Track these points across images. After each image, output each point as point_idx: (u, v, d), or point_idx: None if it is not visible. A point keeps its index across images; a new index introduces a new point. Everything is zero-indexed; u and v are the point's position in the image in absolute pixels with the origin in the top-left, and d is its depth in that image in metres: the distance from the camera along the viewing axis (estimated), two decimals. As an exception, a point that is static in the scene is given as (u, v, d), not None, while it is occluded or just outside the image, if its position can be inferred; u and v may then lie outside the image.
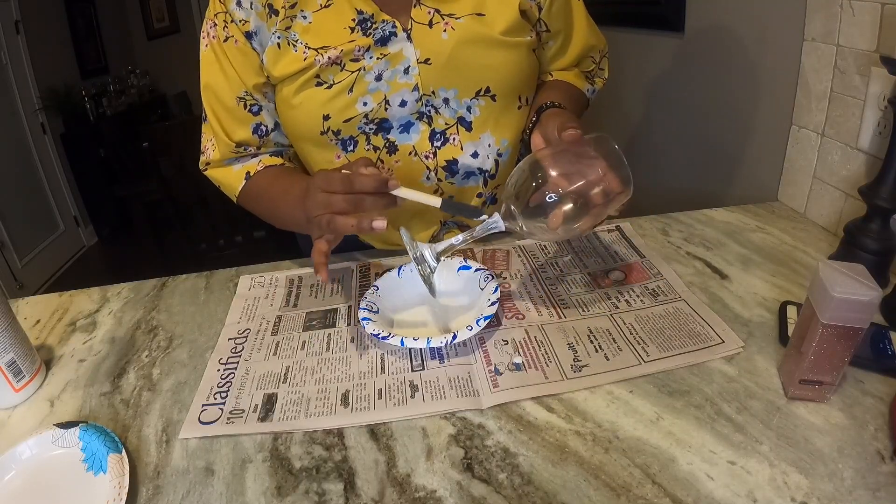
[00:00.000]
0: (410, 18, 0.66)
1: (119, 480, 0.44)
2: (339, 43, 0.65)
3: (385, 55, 0.66)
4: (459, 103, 0.70)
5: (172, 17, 3.95)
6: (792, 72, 0.80)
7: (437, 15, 0.66)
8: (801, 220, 0.79)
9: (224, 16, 0.66)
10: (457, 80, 0.69)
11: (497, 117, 0.72)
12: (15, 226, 2.68)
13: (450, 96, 0.70)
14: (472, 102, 0.70)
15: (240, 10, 0.65)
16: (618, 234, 0.76)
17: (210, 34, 0.68)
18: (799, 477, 0.41)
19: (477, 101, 0.70)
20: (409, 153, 0.71)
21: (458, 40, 0.67)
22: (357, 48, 0.65)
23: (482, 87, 0.70)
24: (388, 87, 0.67)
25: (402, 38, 0.66)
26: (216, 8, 0.67)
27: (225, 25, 0.66)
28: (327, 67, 0.65)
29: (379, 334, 0.54)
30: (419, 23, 0.66)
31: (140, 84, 3.77)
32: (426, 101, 0.69)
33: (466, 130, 0.71)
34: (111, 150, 3.18)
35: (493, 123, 0.72)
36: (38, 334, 0.66)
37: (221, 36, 0.67)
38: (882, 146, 0.65)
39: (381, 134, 0.70)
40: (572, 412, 0.48)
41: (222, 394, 0.53)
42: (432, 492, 0.42)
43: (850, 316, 0.42)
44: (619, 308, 0.61)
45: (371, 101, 0.67)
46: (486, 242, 0.76)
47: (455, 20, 0.66)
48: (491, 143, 0.73)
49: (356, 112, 0.67)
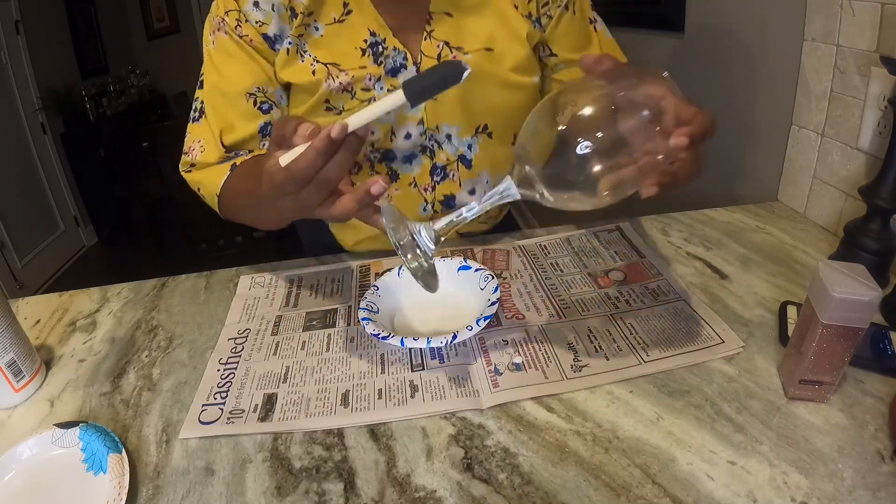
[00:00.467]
0: (420, 51, 0.66)
1: (119, 480, 0.44)
2: (349, 65, 0.64)
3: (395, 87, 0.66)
4: (461, 140, 0.72)
5: (172, 17, 3.95)
6: (792, 72, 0.80)
7: (447, 48, 0.67)
8: (801, 220, 0.79)
9: (237, 13, 0.64)
10: (460, 118, 0.70)
11: (495, 155, 0.73)
12: (15, 226, 2.68)
13: (452, 133, 0.71)
14: (472, 140, 0.72)
15: (257, 10, 0.63)
16: (618, 234, 0.76)
17: (221, 29, 0.65)
18: (799, 477, 0.41)
19: (476, 138, 0.72)
20: (410, 183, 0.72)
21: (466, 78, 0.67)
22: (368, 76, 0.65)
23: (481, 125, 0.71)
24: (394, 119, 0.68)
25: (411, 71, 0.66)
26: (227, 5, 0.64)
27: (238, 24, 0.64)
28: (338, 94, 0.65)
29: (379, 334, 0.54)
30: (428, 56, 0.67)
31: (140, 84, 3.77)
32: (430, 135, 0.70)
33: (466, 168, 0.73)
34: (111, 150, 3.18)
35: (491, 161, 0.73)
36: (38, 334, 0.66)
37: (234, 34, 0.65)
38: (882, 146, 0.65)
39: (384, 163, 0.71)
40: (572, 412, 0.48)
41: (222, 394, 0.53)
42: (432, 492, 0.42)
43: (850, 316, 0.42)
44: (620, 308, 0.61)
45: (378, 131, 0.68)
46: (486, 242, 0.76)
47: (464, 55, 0.66)
48: (489, 181, 0.75)
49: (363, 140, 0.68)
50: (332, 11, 0.64)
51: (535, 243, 0.75)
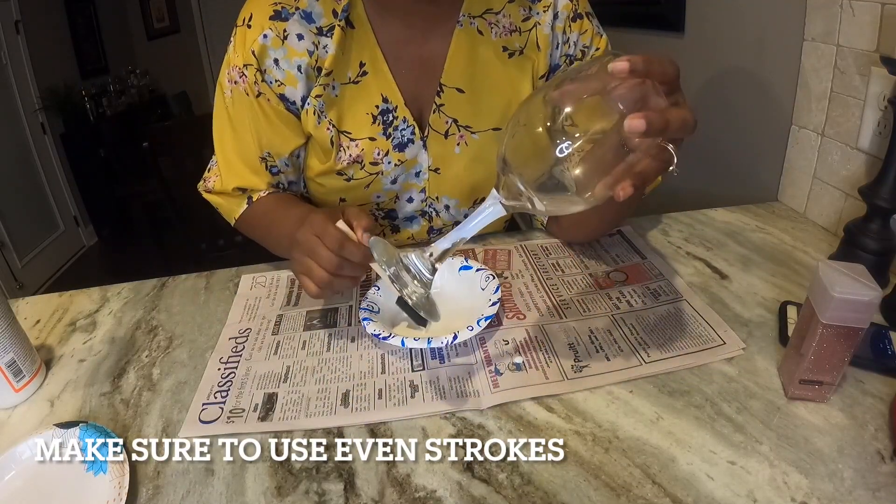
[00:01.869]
0: (428, 125, 0.67)
1: (119, 480, 0.44)
2: (360, 134, 0.66)
3: (402, 161, 0.68)
4: (458, 211, 0.75)
5: (172, 17, 3.95)
6: (792, 72, 0.80)
7: (455, 126, 0.67)
8: (801, 220, 0.79)
9: (255, 69, 0.63)
10: (459, 193, 0.72)
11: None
12: (15, 226, 2.67)
13: (451, 204, 0.74)
14: (470, 210, 0.74)
15: (277, 69, 0.63)
16: (619, 237, 0.76)
17: (238, 83, 0.65)
18: (799, 477, 0.41)
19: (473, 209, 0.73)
20: (408, 238, 0.77)
21: (470, 158, 0.69)
22: (377, 151, 0.66)
23: (479, 198, 0.74)
24: (400, 188, 0.71)
25: (418, 146, 0.68)
26: (245, 59, 0.63)
27: (255, 81, 0.64)
28: (348, 165, 0.67)
29: (379, 334, 0.54)
30: (436, 131, 0.67)
31: (140, 84, 3.76)
32: (430, 202, 0.73)
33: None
34: (111, 150, 3.18)
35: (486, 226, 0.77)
36: (38, 334, 0.66)
37: (253, 91, 0.64)
38: (882, 146, 0.65)
39: (387, 220, 0.76)
40: (572, 412, 0.48)
41: (223, 393, 0.53)
42: (432, 492, 0.42)
43: (850, 316, 0.42)
44: (620, 308, 0.61)
45: (384, 196, 0.71)
46: (487, 242, 0.76)
47: (470, 134, 0.67)
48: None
49: (370, 201, 0.72)
50: (349, 71, 0.64)
51: (537, 244, 0.75)
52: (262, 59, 0.62)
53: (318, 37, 0.62)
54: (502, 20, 0.66)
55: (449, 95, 0.66)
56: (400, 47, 0.65)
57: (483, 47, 0.66)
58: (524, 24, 0.66)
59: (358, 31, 0.64)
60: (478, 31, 0.65)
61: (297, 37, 0.62)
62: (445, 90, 0.66)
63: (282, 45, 0.62)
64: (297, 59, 0.62)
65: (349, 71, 0.64)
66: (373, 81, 0.65)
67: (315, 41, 0.62)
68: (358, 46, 0.64)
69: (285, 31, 0.62)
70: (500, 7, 0.66)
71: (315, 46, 0.62)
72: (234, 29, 0.64)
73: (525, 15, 0.66)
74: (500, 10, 0.66)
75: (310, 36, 0.62)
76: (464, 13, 0.65)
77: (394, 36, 0.65)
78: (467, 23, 0.65)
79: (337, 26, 0.62)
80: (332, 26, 0.62)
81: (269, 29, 0.61)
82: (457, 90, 0.66)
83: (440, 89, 0.66)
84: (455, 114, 0.67)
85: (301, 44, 0.62)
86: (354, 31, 0.63)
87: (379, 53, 0.64)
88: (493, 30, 0.66)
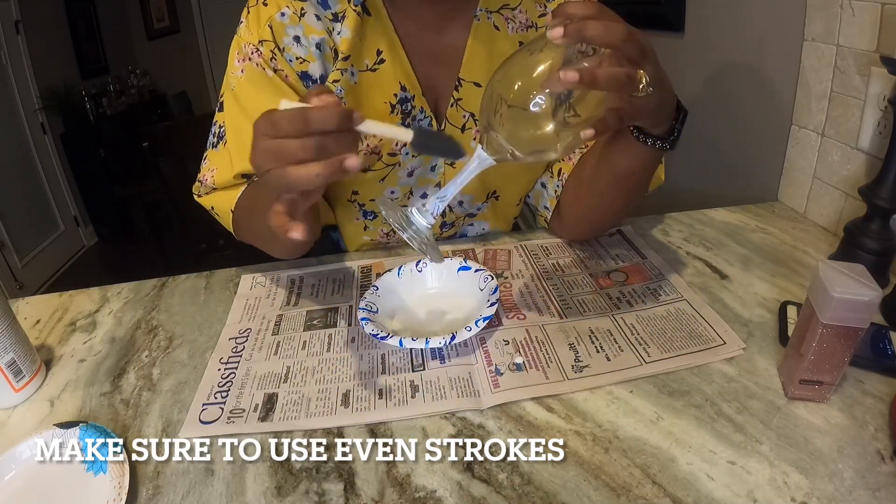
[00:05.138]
0: (445, 119, 0.67)
1: (119, 480, 0.44)
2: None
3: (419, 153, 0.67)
4: (471, 205, 0.75)
5: (172, 17, 3.95)
6: (792, 72, 0.80)
7: (472, 120, 0.67)
8: (801, 220, 0.79)
9: (272, 45, 0.62)
10: (473, 188, 0.72)
11: (498, 211, 0.78)
12: (15, 226, 2.68)
13: (465, 200, 0.74)
14: (483, 205, 0.76)
15: (298, 46, 0.62)
16: (619, 237, 0.76)
17: (252, 59, 0.62)
18: (799, 477, 0.41)
19: (486, 203, 0.76)
20: None
21: None
22: (395, 141, 0.65)
23: (491, 192, 0.74)
24: (415, 182, 0.71)
25: None
26: (262, 34, 0.61)
27: (273, 57, 0.62)
28: (366, 156, 0.66)
29: (378, 335, 0.54)
30: (453, 125, 0.67)
31: (140, 84, 3.77)
32: None
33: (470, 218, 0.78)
34: (111, 150, 3.18)
35: (494, 216, 0.78)
36: (38, 334, 0.66)
37: (268, 66, 0.62)
38: (882, 146, 0.65)
39: None
40: (572, 412, 0.48)
41: (223, 393, 0.53)
42: (432, 492, 0.42)
43: (850, 316, 0.42)
44: (621, 308, 0.61)
45: (398, 191, 0.71)
46: (487, 242, 0.76)
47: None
48: (486, 228, 0.80)
49: (383, 196, 0.71)
50: (366, 58, 0.64)
51: (537, 244, 0.75)
52: (279, 36, 0.62)
53: (333, 22, 0.62)
54: (518, 16, 0.66)
55: (467, 90, 0.66)
56: (415, 38, 0.65)
57: (501, 42, 0.66)
58: (540, 21, 0.67)
59: (374, 19, 0.63)
60: (494, 26, 0.65)
61: (314, 17, 0.62)
62: (464, 84, 0.66)
63: (299, 21, 0.61)
64: (316, 37, 0.62)
65: (366, 58, 0.64)
66: (390, 69, 0.64)
67: (330, 27, 0.62)
68: (374, 34, 0.63)
69: (302, 9, 0.61)
70: (516, 3, 0.66)
71: (330, 31, 0.62)
72: (247, 9, 0.63)
73: (541, 11, 0.67)
74: (517, 5, 0.66)
75: (325, 21, 0.62)
76: (481, 7, 0.65)
77: (409, 26, 0.64)
78: (484, 17, 0.65)
79: (352, 11, 0.62)
80: (346, 11, 0.62)
81: (286, 6, 0.61)
82: (475, 84, 0.66)
83: (458, 83, 0.66)
84: (473, 108, 0.66)
85: (318, 23, 0.62)
86: (370, 18, 0.63)
87: (397, 40, 0.64)
88: (509, 25, 0.66)
